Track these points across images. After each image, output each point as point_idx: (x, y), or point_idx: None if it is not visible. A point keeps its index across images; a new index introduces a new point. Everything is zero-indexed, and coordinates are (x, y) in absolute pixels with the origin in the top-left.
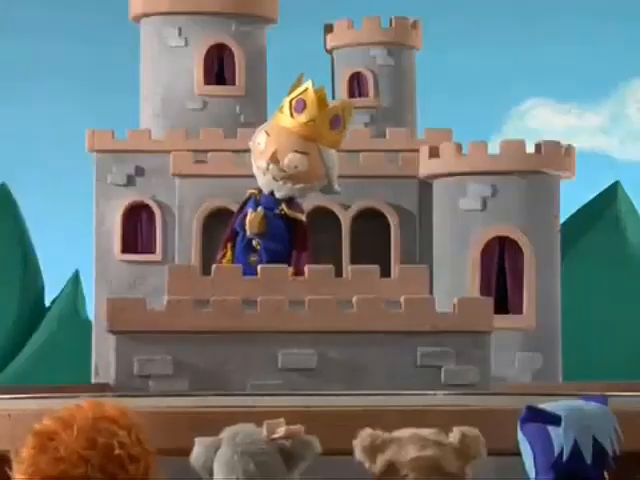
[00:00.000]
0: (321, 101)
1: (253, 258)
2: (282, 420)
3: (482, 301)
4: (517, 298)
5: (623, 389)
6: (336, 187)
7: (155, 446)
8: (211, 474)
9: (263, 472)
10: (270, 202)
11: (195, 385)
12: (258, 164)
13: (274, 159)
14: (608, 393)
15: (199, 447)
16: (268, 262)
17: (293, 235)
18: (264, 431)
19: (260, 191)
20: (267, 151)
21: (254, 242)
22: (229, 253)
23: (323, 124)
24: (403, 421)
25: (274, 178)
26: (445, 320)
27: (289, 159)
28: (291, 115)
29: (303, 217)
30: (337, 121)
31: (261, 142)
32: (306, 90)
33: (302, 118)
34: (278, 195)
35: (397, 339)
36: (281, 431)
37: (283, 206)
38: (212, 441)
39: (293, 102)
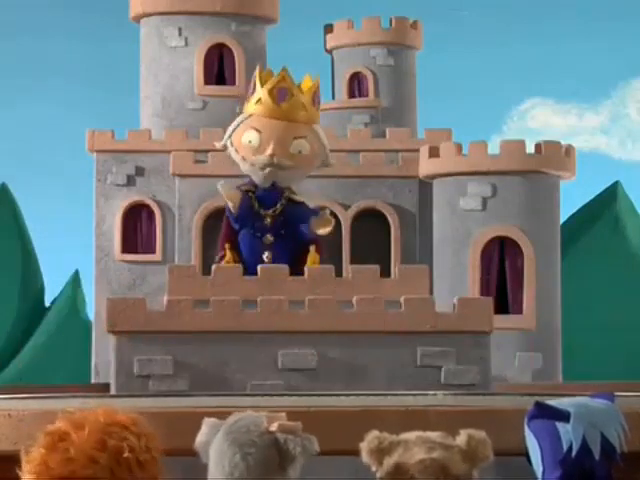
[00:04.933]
0: (301, 84)
1: (267, 254)
2: (283, 414)
3: (482, 301)
4: (517, 298)
5: (623, 389)
6: (331, 160)
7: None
8: (208, 457)
9: (247, 465)
10: (269, 195)
11: (195, 385)
12: (256, 160)
13: (278, 151)
14: None
15: (204, 428)
16: (286, 253)
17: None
18: (265, 422)
19: (255, 187)
20: (265, 146)
21: (265, 239)
22: (229, 254)
23: (309, 104)
24: (403, 421)
25: (279, 168)
26: (445, 320)
27: (293, 147)
28: (275, 103)
29: (303, 198)
30: (316, 97)
31: (252, 139)
32: (284, 78)
33: (290, 103)
34: (283, 185)
35: (397, 339)
36: (274, 426)
37: (287, 193)
38: (215, 424)
39: (274, 91)
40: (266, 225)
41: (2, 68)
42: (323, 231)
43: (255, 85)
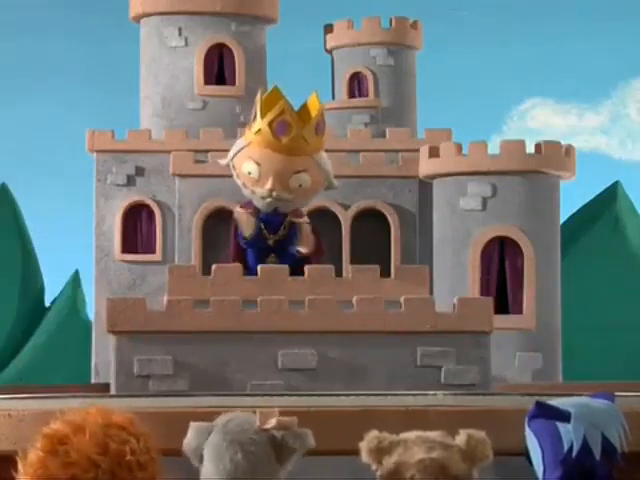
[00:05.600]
0: (303, 115)
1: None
2: (276, 410)
3: (482, 301)
4: (517, 298)
5: (623, 389)
6: (335, 183)
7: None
8: (201, 460)
9: (250, 462)
10: (272, 218)
11: (195, 385)
12: (256, 192)
13: (277, 186)
14: None
15: (192, 432)
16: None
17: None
18: (257, 421)
19: (257, 209)
20: (264, 180)
21: (269, 259)
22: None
23: (311, 135)
24: (403, 421)
25: (278, 200)
26: (445, 320)
27: (292, 182)
28: (274, 137)
29: (307, 219)
30: (321, 125)
31: (252, 171)
32: (283, 111)
33: (290, 138)
34: (285, 211)
35: (397, 339)
36: (272, 422)
37: (290, 217)
38: (205, 426)
39: (274, 125)
40: (270, 246)
41: (2, 68)
42: (305, 251)
43: (256, 112)
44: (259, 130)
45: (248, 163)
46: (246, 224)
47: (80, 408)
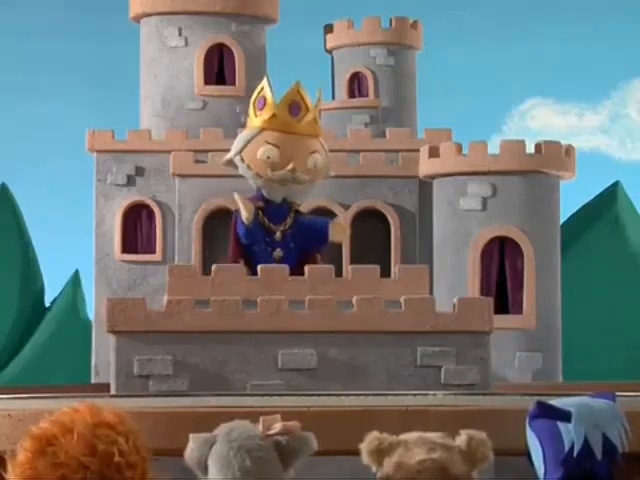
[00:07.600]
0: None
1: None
2: (278, 416)
3: (482, 301)
4: (517, 298)
5: (623, 389)
6: (331, 171)
7: (155, 446)
8: (205, 471)
9: (259, 468)
10: (278, 209)
11: (195, 385)
12: (275, 176)
13: (300, 166)
14: None
15: (193, 443)
16: (293, 266)
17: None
18: (260, 427)
19: (264, 201)
20: (285, 161)
21: (275, 253)
22: (246, 270)
23: (318, 118)
24: (403, 421)
25: (297, 182)
26: (445, 320)
27: (310, 162)
28: (291, 119)
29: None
30: (320, 112)
31: (272, 155)
32: (298, 92)
33: (305, 119)
34: (293, 199)
35: (397, 339)
36: (277, 427)
37: (295, 207)
38: (207, 437)
39: (291, 107)
40: (276, 240)
41: (2, 68)
42: (340, 239)
43: (265, 99)
44: (273, 115)
45: (266, 147)
46: (245, 207)
47: (69, 407)
